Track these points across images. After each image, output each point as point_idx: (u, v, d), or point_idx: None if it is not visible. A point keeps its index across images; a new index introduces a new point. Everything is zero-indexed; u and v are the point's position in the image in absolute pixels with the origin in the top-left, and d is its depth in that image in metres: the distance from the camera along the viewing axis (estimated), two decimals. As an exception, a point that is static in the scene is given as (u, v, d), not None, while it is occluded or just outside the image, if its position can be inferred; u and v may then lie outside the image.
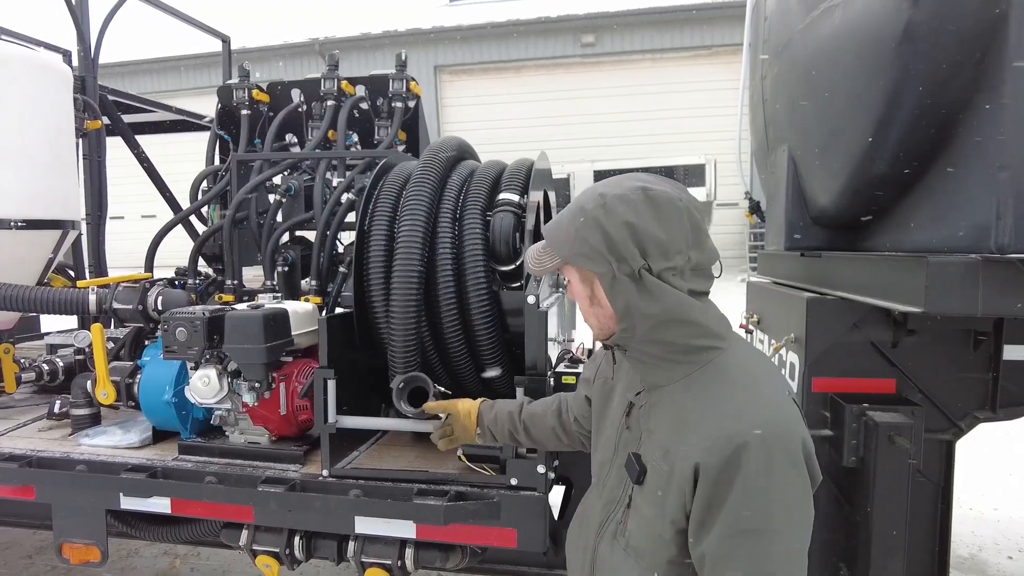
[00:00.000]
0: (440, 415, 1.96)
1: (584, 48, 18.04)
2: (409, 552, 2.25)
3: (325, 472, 2.25)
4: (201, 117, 5.23)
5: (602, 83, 18.01)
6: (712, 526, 1.10)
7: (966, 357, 2.60)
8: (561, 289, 2.71)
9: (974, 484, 4.79)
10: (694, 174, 13.40)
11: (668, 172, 13.64)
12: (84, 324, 3.81)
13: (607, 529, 1.31)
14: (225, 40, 5.26)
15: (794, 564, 1.09)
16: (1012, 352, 2.53)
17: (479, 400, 1.89)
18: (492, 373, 2.35)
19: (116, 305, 2.68)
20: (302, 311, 2.46)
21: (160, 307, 2.68)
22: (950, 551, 2.66)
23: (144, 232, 3.64)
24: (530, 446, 1.83)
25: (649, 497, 1.20)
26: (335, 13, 20.62)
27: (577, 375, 2.09)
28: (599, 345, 1.48)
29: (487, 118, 18.55)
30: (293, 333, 2.38)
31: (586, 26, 17.79)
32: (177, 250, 3.49)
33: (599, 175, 13.70)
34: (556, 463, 2.40)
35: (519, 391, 2.08)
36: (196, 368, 2.30)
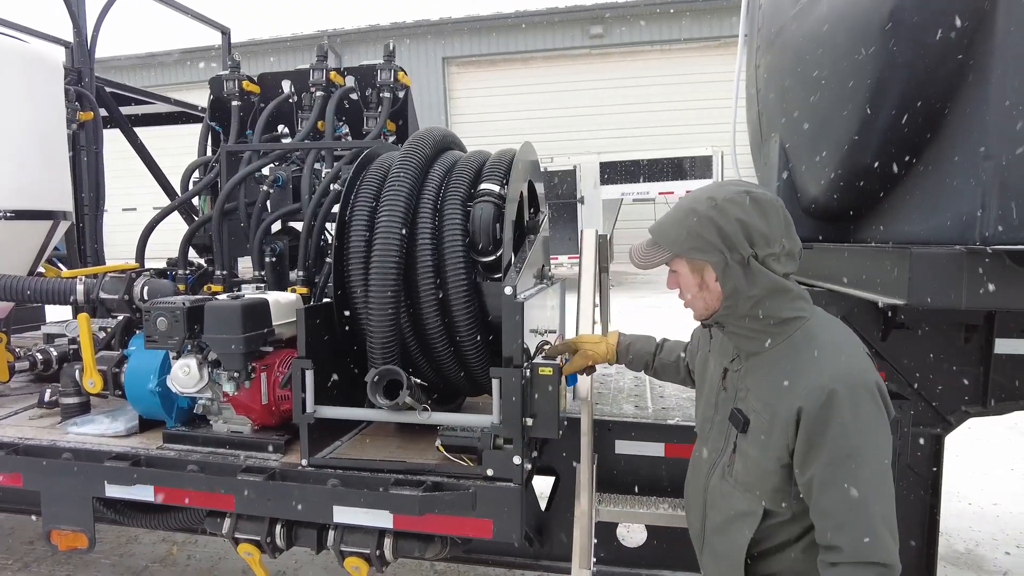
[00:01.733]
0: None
1: (592, 39, 17.91)
2: (388, 542, 2.25)
3: (304, 461, 2.26)
4: (199, 108, 5.25)
5: (610, 74, 17.88)
6: (815, 457, 1.37)
7: (957, 351, 2.56)
8: (545, 281, 2.70)
9: (974, 479, 4.74)
10: (701, 166, 13.28)
11: (676, 164, 13.53)
12: (78, 314, 3.85)
13: (715, 471, 1.59)
14: (225, 32, 5.27)
15: (882, 477, 1.37)
16: (1004, 346, 2.49)
17: (615, 342, 2.12)
18: None
19: (103, 295, 2.70)
20: (284, 301, 2.47)
21: (146, 297, 2.69)
22: (938, 545, 2.63)
23: (160, 223, 3.64)
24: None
25: (753, 441, 1.48)
26: (344, 6, 20.62)
27: (553, 366, 2.07)
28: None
29: (495, 109, 18.49)
30: (274, 323, 2.38)
31: (594, 17, 17.66)
32: (176, 242, 3.50)
33: (605, 167, 13.60)
34: (535, 454, 2.40)
35: (494, 384, 2.07)
36: (177, 357, 2.31)
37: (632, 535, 2.88)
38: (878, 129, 2.24)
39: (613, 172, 13.65)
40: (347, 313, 2.38)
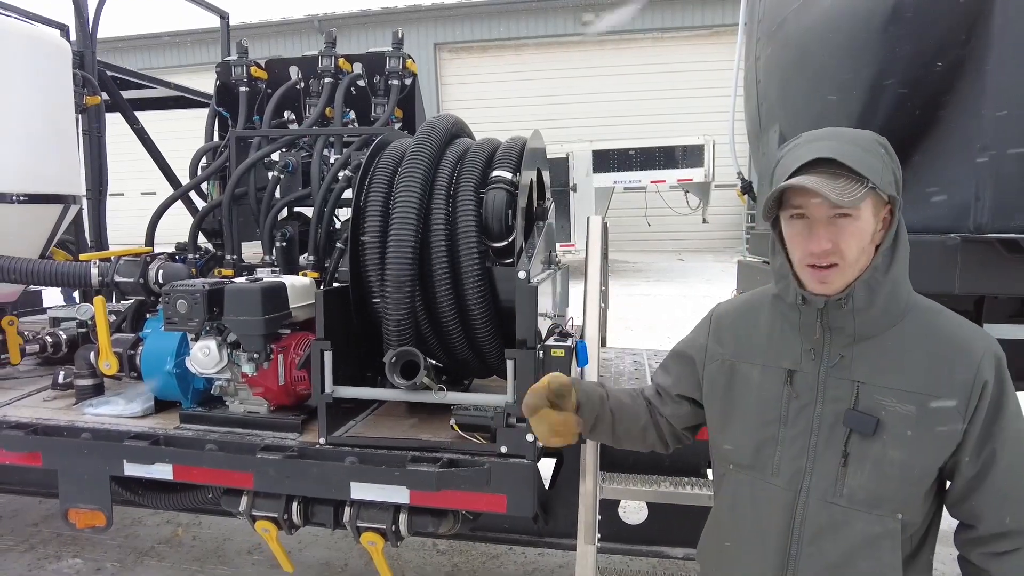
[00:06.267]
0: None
1: (584, 27, 17.89)
2: (403, 517, 2.33)
3: (322, 440, 2.33)
4: (200, 93, 5.24)
5: (602, 62, 17.90)
6: (995, 433, 1.22)
7: (947, 335, 2.66)
8: (553, 267, 2.77)
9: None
10: (693, 155, 13.35)
11: (667, 153, 13.60)
12: (86, 297, 3.88)
13: (808, 499, 1.29)
14: (223, 16, 5.25)
15: None
16: (991, 331, 2.59)
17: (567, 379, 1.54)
18: None
19: (118, 278, 2.74)
20: (299, 285, 2.53)
21: (161, 280, 2.74)
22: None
23: (144, 209, 3.69)
24: (602, 440, 1.61)
25: (894, 441, 1.22)
26: (334, -11, 20.41)
27: (565, 348, 2.15)
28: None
29: (487, 96, 18.45)
30: (291, 306, 2.44)
31: (586, 4, 17.63)
32: (177, 227, 3.54)
33: (598, 155, 13.65)
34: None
35: (508, 365, 2.15)
36: (196, 339, 2.37)
37: (633, 513, 2.97)
38: (877, 119, 2.32)
39: (605, 160, 13.70)
40: (363, 296, 2.43)
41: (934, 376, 1.23)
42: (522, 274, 2.17)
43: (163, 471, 2.45)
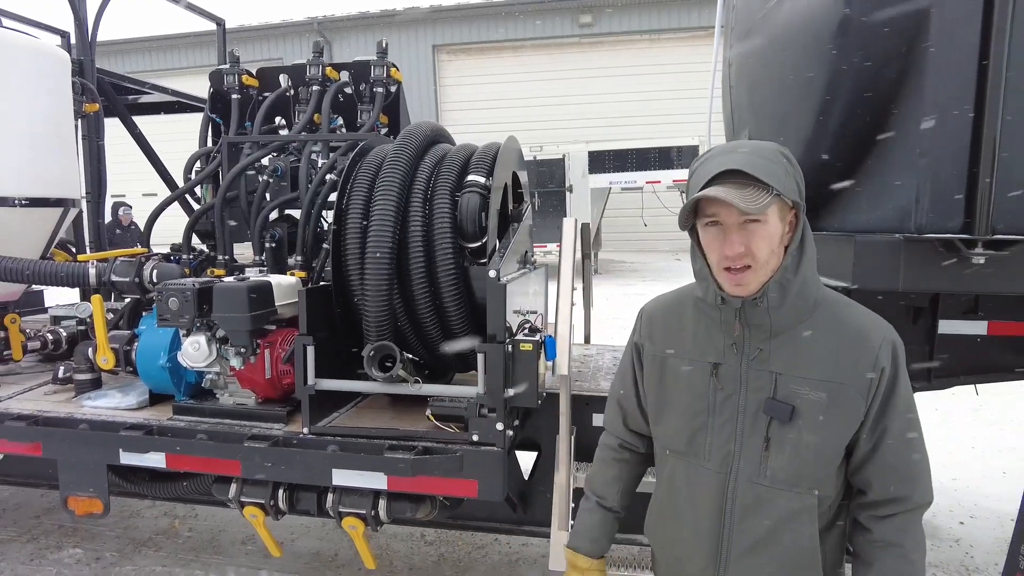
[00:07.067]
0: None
1: (582, 28, 18.02)
2: (382, 503, 2.47)
3: (305, 430, 2.46)
4: (196, 98, 5.37)
5: (599, 63, 18.03)
6: (887, 412, 1.35)
7: (905, 331, 2.77)
8: (528, 266, 2.90)
9: (938, 456, 4.97)
10: (688, 155, 13.48)
11: (663, 153, 13.72)
12: (85, 296, 4.02)
13: (737, 480, 1.41)
14: (219, 23, 5.39)
15: None
16: (946, 326, 2.72)
17: (600, 561, 1.74)
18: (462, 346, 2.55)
19: (114, 278, 2.88)
20: (285, 284, 2.66)
21: (155, 280, 2.87)
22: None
23: (146, 210, 3.83)
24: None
25: (808, 425, 1.35)
26: (334, -9, 20.53)
27: (533, 342, 2.28)
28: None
29: (485, 98, 18.59)
30: (276, 304, 2.58)
31: (584, 6, 17.76)
32: (175, 228, 3.68)
33: (594, 156, 13.77)
34: (517, 423, 2.61)
35: (479, 359, 2.29)
36: (188, 335, 2.50)
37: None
38: (831, 127, 2.46)
39: (601, 161, 13.83)
40: (345, 294, 2.56)
41: (841, 365, 1.35)
42: (492, 272, 2.30)
43: (156, 459, 2.59)
